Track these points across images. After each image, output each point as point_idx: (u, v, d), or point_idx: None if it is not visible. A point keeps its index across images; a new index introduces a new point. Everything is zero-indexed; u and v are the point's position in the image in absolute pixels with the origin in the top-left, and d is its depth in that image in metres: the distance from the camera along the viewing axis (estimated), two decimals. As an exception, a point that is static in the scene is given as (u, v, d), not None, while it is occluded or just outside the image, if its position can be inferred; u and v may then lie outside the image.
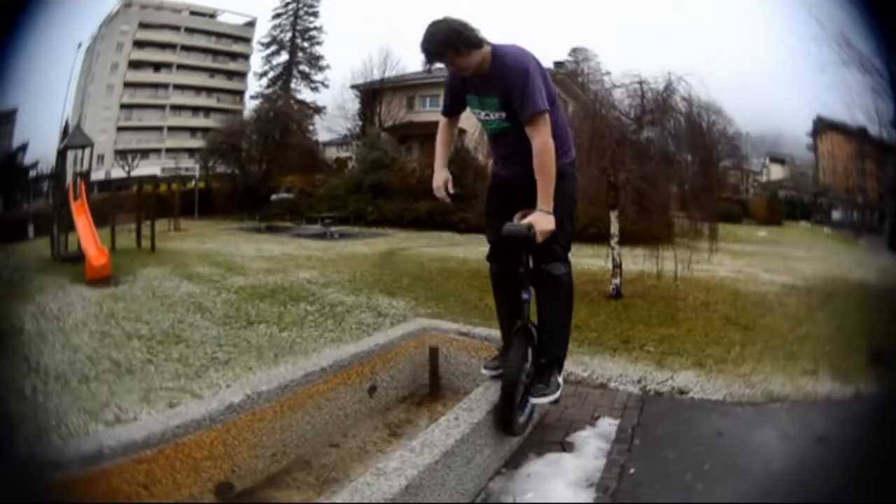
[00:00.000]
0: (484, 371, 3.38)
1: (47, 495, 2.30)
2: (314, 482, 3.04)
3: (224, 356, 5.79)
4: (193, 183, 26.77)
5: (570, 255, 3.22)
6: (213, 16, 35.77)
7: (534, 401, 3.19)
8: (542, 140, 2.94)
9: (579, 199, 3.41)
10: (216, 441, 2.80)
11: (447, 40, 2.87)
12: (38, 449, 3.36)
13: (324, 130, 30.97)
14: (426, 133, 24.32)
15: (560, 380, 3.18)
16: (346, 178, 23.84)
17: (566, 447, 3.44)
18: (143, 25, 31.97)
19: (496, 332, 3.87)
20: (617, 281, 9.03)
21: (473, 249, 14.43)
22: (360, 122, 28.05)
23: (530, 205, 3.02)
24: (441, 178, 3.35)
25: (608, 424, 3.78)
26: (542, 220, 2.94)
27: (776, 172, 25.58)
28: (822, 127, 17.78)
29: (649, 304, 8.45)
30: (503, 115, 3.07)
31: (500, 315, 3.45)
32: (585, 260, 11.05)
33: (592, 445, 3.44)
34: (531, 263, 3.16)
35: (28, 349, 6.09)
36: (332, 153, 29.42)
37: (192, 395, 4.63)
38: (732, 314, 7.91)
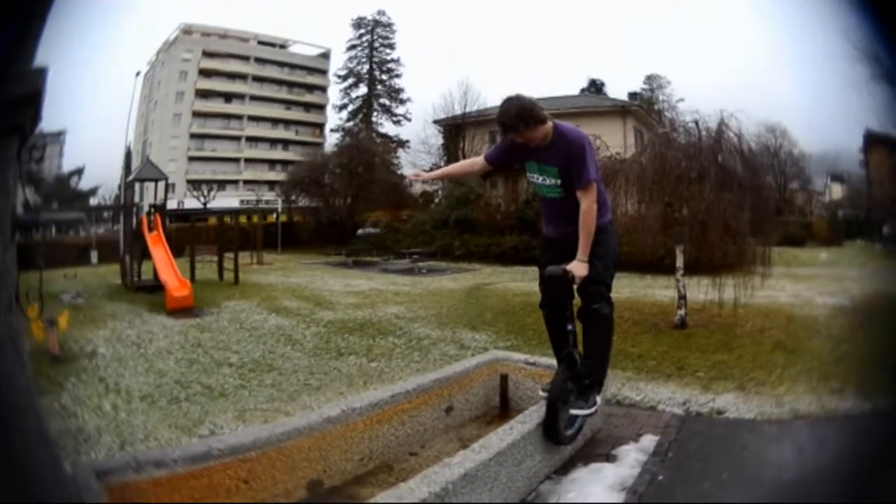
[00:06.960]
0: (541, 393, 4.03)
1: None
2: (394, 481, 3.71)
3: (316, 383, 6.62)
4: (275, 216, 28.10)
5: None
6: (283, 46, 36.98)
7: (572, 412, 3.88)
8: (588, 203, 3.66)
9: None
10: (313, 446, 3.56)
11: (520, 115, 3.60)
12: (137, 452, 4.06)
13: (408, 165, 31.83)
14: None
15: (598, 398, 3.87)
16: (433, 213, 24.75)
17: (609, 458, 4.13)
18: (208, 54, 33.34)
19: None
20: (682, 312, 9.51)
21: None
22: (443, 157, 28.68)
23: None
24: (426, 174, 4.82)
25: (649, 440, 4.51)
26: (577, 267, 3.66)
27: (836, 191, 25.16)
28: (872, 141, 17.37)
29: (709, 333, 8.93)
30: (559, 182, 3.78)
31: (553, 348, 4.13)
32: (659, 291, 11.65)
33: (632, 457, 4.16)
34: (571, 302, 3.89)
35: (104, 371, 7.03)
36: (418, 187, 30.25)
37: (286, 415, 5.26)
38: (783, 339, 8.40)
